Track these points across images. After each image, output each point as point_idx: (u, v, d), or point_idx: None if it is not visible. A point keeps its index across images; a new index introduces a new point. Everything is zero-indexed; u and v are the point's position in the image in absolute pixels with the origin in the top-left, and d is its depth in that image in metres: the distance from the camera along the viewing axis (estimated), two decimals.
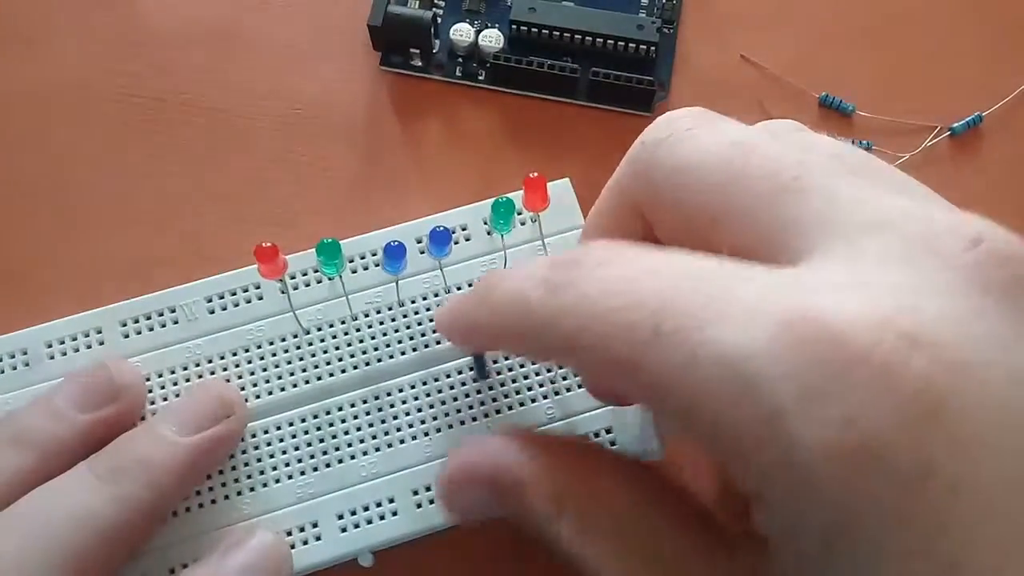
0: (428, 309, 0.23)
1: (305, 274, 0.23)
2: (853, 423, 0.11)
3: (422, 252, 0.23)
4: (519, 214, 0.23)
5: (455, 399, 0.22)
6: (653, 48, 0.26)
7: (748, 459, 0.12)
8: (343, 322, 0.23)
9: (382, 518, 0.21)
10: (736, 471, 0.13)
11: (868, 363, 0.12)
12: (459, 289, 0.23)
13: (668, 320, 0.13)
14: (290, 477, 0.21)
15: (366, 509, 0.21)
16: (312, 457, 0.22)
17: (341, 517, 0.21)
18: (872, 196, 0.14)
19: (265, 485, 0.21)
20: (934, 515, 0.11)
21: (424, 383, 0.22)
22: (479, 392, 0.22)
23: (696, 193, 0.15)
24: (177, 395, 0.22)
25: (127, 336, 0.22)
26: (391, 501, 0.21)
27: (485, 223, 0.23)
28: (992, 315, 0.12)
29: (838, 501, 0.12)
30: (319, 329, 0.22)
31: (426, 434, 0.22)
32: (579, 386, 0.22)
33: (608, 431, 0.22)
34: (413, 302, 0.23)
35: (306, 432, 0.22)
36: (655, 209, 0.17)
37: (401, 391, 0.22)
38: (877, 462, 0.11)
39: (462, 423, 0.22)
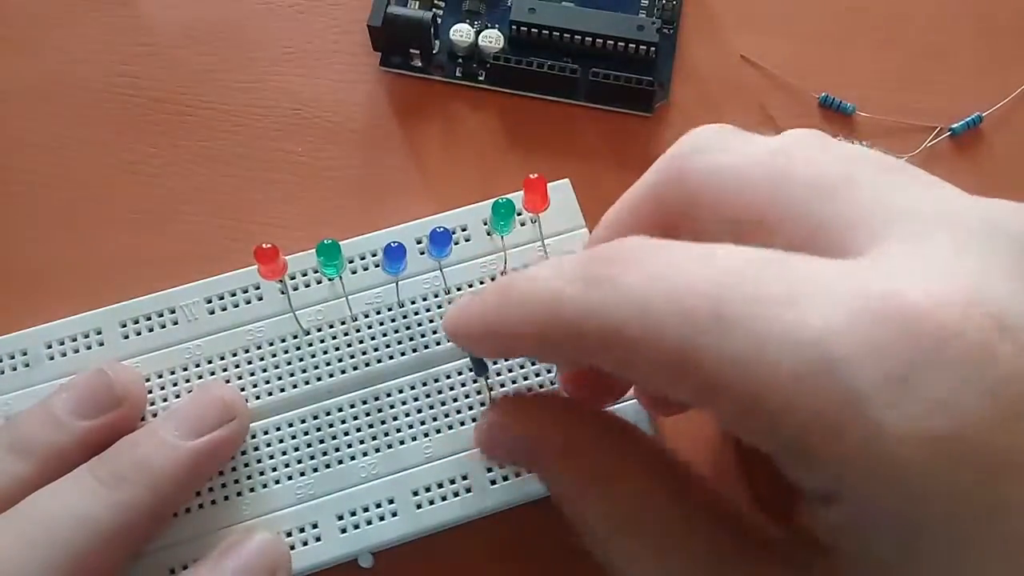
0: (428, 310, 0.23)
1: (305, 275, 0.23)
2: (944, 407, 0.11)
3: (422, 253, 0.23)
4: (519, 215, 0.23)
5: (455, 400, 0.22)
6: (653, 48, 0.26)
7: (821, 451, 0.12)
8: (343, 323, 0.23)
9: (382, 519, 0.21)
10: (799, 467, 0.12)
11: (960, 343, 0.11)
12: (459, 290, 0.23)
13: (730, 305, 0.12)
14: (290, 478, 0.21)
15: (366, 510, 0.21)
16: (312, 458, 0.22)
17: (341, 518, 0.21)
18: (925, 190, 0.14)
19: (265, 486, 0.21)
20: None
21: (424, 384, 0.22)
22: (479, 393, 0.22)
23: (738, 195, 0.15)
24: (177, 396, 0.22)
25: (127, 337, 0.22)
26: (391, 502, 0.21)
27: (485, 224, 0.23)
28: None
29: (924, 493, 0.11)
30: (319, 330, 0.22)
31: (426, 435, 0.22)
32: None
33: None
34: (413, 303, 0.23)
35: (306, 433, 0.22)
36: (690, 213, 0.16)
37: (401, 392, 0.22)
38: (970, 449, 0.11)
39: (462, 424, 0.22)
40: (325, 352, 0.22)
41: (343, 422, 0.22)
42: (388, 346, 0.22)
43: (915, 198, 0.14)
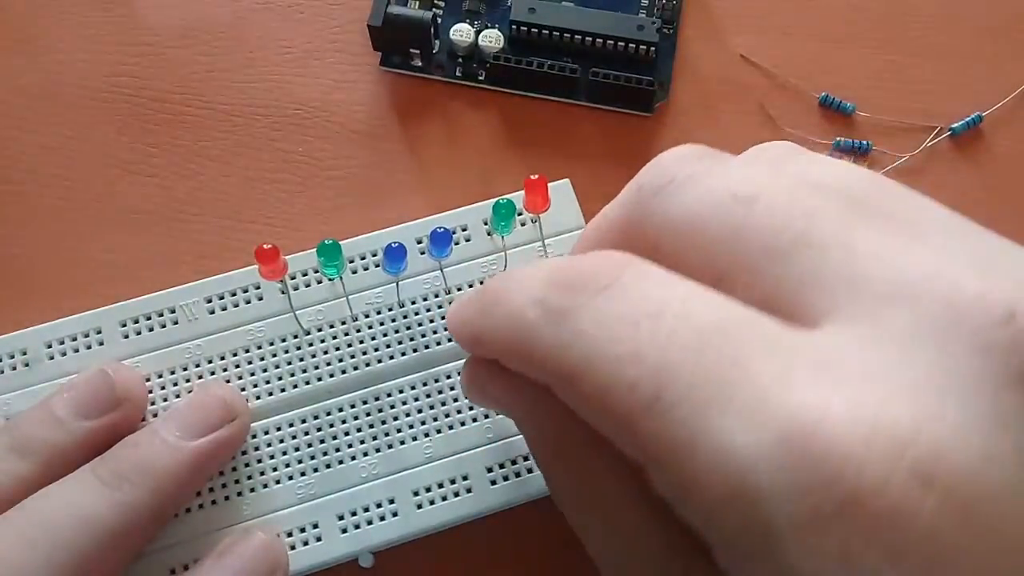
0: (428, 310, 0.23)
1: (305, 274, 0.23)
2: (851, 561, 0.11)
3: (422, 253, 0.23)
4: (519, 215, 0.23)
5: (455, 400, 0.22)
6: (653, 48, 0.26)
7: (738, 561, 0.12)
8: (343, 323, 0.23)
9: (382, 519, 0.21)
10: (719, 556, 0.12)
11: (876, 501, 0.11)
12: (459, 290, 0.23)
13: (670, 389, 0.12)
14: (290, 478, 0.21)
15: (366, 510, 0.21)
16: (312, 458, 0.22)
17: (341, 518, 0.21)
18: (891, 249, 0.13)
19: (265, 486, 0.21)
20: None
21: (424, 384, 0.22)
22: None
23: (698, 249, 0.14)
24: (177, 396, 0.22)
25: (127, 336, 0.22)
26: (391, 502, 0.21)
27: (485, 223, 0.23)
28: (1021, 422, 0.11)
29: None
30: (319, 330, 0.22)
31: (426, 435, 0.22)
32: None
33: None
34: (413, 303, 0.23)
35: (306, 433, 0.22)
36: (655, 257, 0.15)
37: (401, 392, 0.22)
38: None
39: (462, 424, 0.22)
40: (325, 352, 0.22)
41: (343, 422, 0.22)
42: (388, 346, 0.22)
43: (878, 260, 0.13)
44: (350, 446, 0.22)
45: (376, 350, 0.22)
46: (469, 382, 0.19)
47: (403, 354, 0.22)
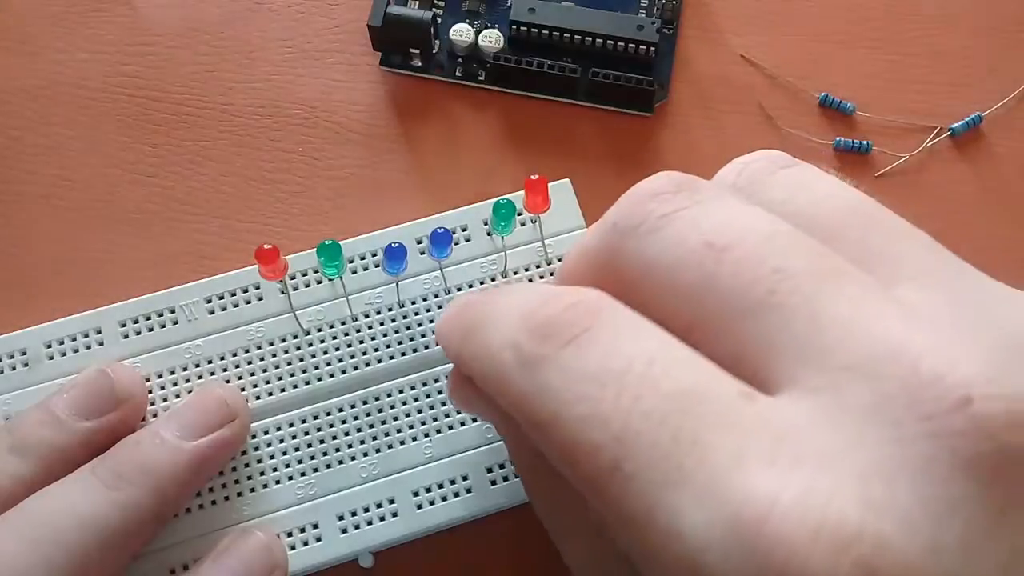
0: (428, 310, 0.23)
1: (305, 274, 0.23)
2: None
3: (422, 253, 0.23)
4: (519, 215, 0.23)
5: None
6: (653, 48, 0.26)
7: None
8: (343, 323, 0.23)
9: (382, 519, 0.21)
10: None
11: None
12: (459, 290, 0.23)
13: (630, 460, 0.12)
14: (290, 478, 0.21)
15: (366, 510, 0.21)
16: (312, 458, 0.22)
17: (341, 518, 0.21)
18: (858, 314, 0.13)
19: (265, 486, 0.21)
20: None
21: (424, 384, 0.22)
22: None
23: (670, 296, 0.14)
24: (177, 396, 0.22)
25: (127, 336, 0.22)
26: (391, 502, 0.21)
27: (485, 223, 0.23)
28: (970, 510, 0.11)
29: None
30: (319, 330, 0.22)
31: (426, 435, 0.22)
32: None
33: None
34: (413, 303, 0.23)
35: (306, 433, 0.22)
36: (628, 297, 0.15)
37: (401, 392, 0.22)
38: None
39: (462, 424, 0.22)
40: (325, 352, 0.22)
41: (343, 422, 0.22)
42: (388, 346, 0.22)
43: (840, 332, 0.12)
44: (350, 446, 0.22)
45: (376, 350, 0.22)
46: (452, 390, 0.19)
47: (403, 354, 0.22)
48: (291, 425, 0.22)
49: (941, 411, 0.11)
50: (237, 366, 0.22)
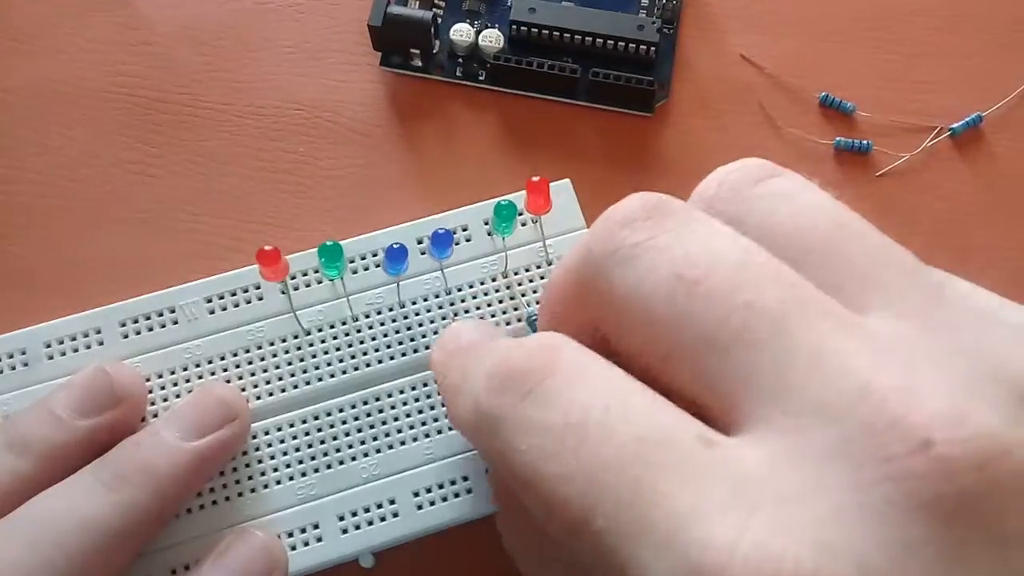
0: (429, 311, 0.23)
1: (306, 275, 0.23)
2: None
3: (423, 253, 0.23)
4: (520, 215, 0.23)
5: None
6: (653, 48, 0.26)
7: None
8: (344, 323, 0.23)
9: (383, 519, 0.21)
10: None
11: None
12: (460, 291, 0.23)
13: (599, 513, 0.12)
14: (291, 478, 0.21)
15: (367, 510, 0.21)
16: (313, 458, 0.22)
17: (342, 518, 0.21)
18: (826, 352, 0.12)
19: (266, 487, 0.21)
20: None
21: (425, 384, 0.22)
22: None
23: (643, 328, 0.14)
24: (177, 396, 0.22)
25: (127, 336, 0.22)
26: (392, 502, 0.21)
27: (486, 223, 0.23)
28: (928, 552, 0.11)
29: None
30: (320, 330, 0.22)
31: (427, 436, 0.22)
32: None
33: None
34: (414, 303, 0.23)
35: (307, 433, 0.22)
36: (602, 328, 0.15)
37: (402, 392, 0.22)
38: None
39: None
40: (326, 352, 0.22)
41: (344, 423, 0.22)
42: (389, 347, 0.22)
43: (808, 371, 0.12)
44: (351, 446, 0.22)
45: (377, 351, 0.22)
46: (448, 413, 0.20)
47: (404, 355, 0.22)
48: (292, 425, 0.22)
49: (902, 454, 0.11)
50: (237, 366, 0.22)
